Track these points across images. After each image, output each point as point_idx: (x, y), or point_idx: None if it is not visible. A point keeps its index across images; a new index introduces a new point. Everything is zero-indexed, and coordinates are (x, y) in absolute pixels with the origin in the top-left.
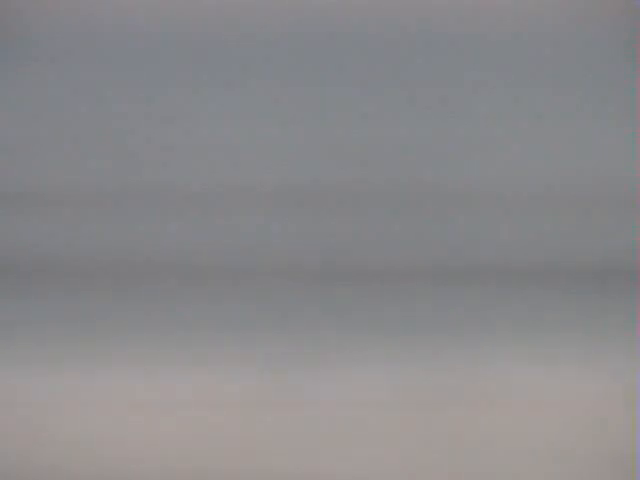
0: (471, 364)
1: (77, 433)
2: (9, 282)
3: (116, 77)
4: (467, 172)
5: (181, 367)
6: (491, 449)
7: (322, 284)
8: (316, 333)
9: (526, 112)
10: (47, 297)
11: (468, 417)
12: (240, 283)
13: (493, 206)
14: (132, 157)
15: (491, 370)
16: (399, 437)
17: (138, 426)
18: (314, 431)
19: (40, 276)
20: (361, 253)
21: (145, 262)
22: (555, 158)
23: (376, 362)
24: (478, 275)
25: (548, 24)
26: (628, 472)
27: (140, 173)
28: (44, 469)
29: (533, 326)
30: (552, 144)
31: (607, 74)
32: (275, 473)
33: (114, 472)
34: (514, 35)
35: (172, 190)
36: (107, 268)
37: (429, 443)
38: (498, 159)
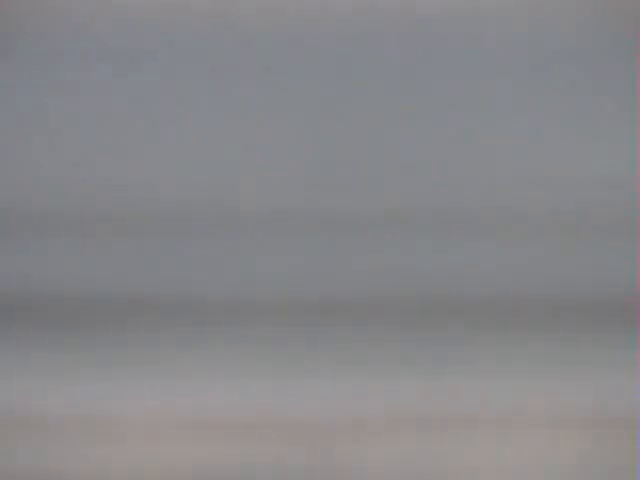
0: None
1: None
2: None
3: (116, 77)
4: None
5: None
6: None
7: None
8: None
9: (525, 112)
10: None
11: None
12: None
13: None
14: (130, 158)
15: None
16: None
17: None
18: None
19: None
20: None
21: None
22: (553, 163)
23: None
24: (472, 302)
25: (548, 24)
26: None
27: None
28: None
29: (530, 353)
30: (550, 145)
31: (607, 74)
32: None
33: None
34: (514, 35)
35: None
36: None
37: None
38: (497, 161)
